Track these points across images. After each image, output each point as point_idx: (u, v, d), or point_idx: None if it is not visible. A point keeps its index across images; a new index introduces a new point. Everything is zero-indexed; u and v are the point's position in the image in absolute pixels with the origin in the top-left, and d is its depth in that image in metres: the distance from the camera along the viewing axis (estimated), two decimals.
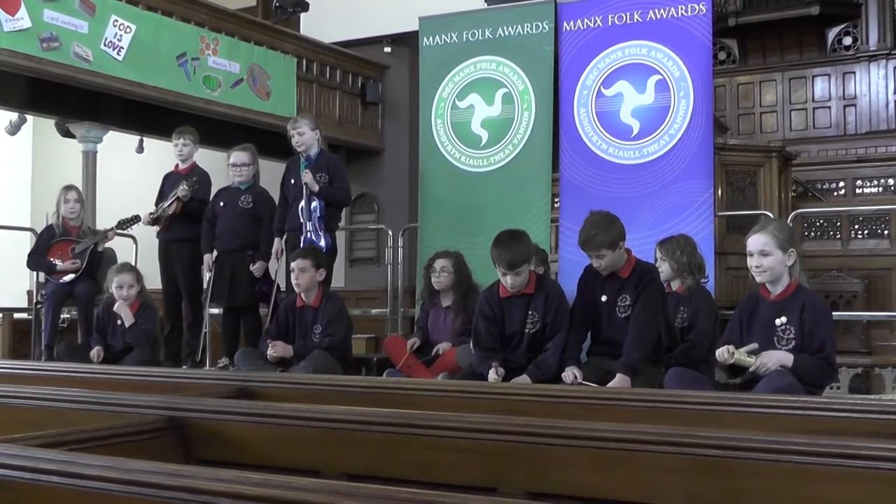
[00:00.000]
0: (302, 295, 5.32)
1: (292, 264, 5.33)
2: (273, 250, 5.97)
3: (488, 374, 4.43)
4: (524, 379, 4.38)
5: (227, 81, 8.59)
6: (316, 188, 5.66)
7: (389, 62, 10.67)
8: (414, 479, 2.05)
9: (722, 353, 3.77)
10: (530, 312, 4.59)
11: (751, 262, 3.85)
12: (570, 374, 4.35)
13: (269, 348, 5.16)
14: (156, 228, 6.46)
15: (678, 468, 1.88)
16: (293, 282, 5.31)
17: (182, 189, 6.17)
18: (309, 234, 5.68)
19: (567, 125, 6.16)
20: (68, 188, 6.75)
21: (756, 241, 3.83)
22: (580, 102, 6.11)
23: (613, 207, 5.73)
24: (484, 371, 4.51)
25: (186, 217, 6.28)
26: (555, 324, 4.56)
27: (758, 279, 3.87)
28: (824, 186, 9.09)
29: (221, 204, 6.20)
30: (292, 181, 5.88)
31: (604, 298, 4.47)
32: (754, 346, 3.75)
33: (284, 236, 5.93)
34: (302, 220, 5.71)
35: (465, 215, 6.27)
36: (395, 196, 10.40)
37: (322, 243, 5.67)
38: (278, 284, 6.13)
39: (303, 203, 5.68)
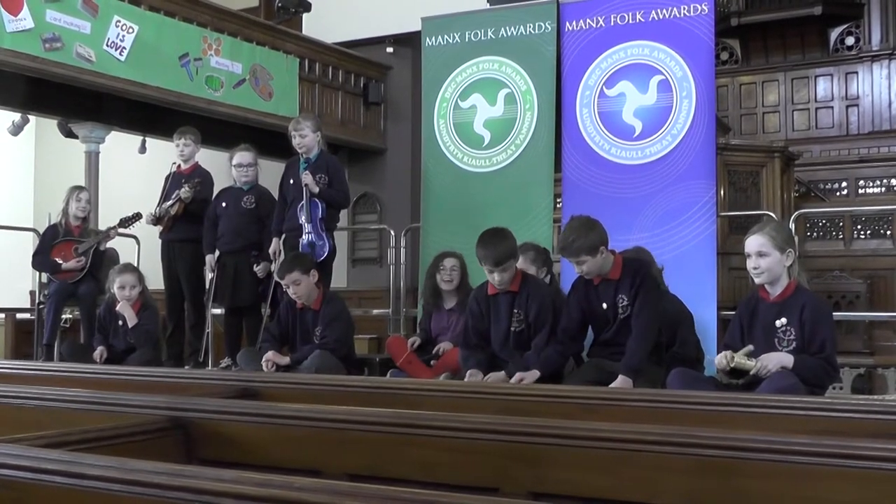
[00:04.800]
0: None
1: (283, 282, 5.29)
2: (271, 251, 5.97)
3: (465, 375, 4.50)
4: (500, 376, 4.40)
5: (230, 82, 8.60)
6: (316, 189, 5.65)
7: (392, 62, 10.68)
8: (416, 479, 2.05)
9: (720, 359, 3.77)
10: (515, 311, 4.64)
11: (749, 263, 3.84)
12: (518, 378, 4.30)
13: (263, 363, 5.13)
14: (158, 228, 6.47)
15: (680, 468, 1.88)
16: (293, 296, 5.26)
17: (184, 190, 6.18)
18: (309, 235, 5.67)
19: (569, 125, 6.15)
20: (80, 188, 6.80)
21: (753, 243, 3.82)
22: (582, 102, 6.10)
23: (615, 208, 5.76)
24: (463, 370, 4.56)
25: (189, 217, 6.29)
26: (537, 323, 4.58)
27: (756, 280, 3.86)
28: (827, 186, 9.08)
29: (223, 204, 6.20)
30: (291, 182, 5.87)
31: (604, 306, 4.43)
32: (750, 348, 3.74)
33: (283, 237, 5.93)
34: (301, 221, 5.69)
35: (468, 215, 6.26)
36: (398, 196, 10.41)
37: (326, 248, 5.66)
38: (278, 282, 6.12)
39: (303, 204, 5.67)
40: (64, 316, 6.96)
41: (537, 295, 4.64)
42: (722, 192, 6.97)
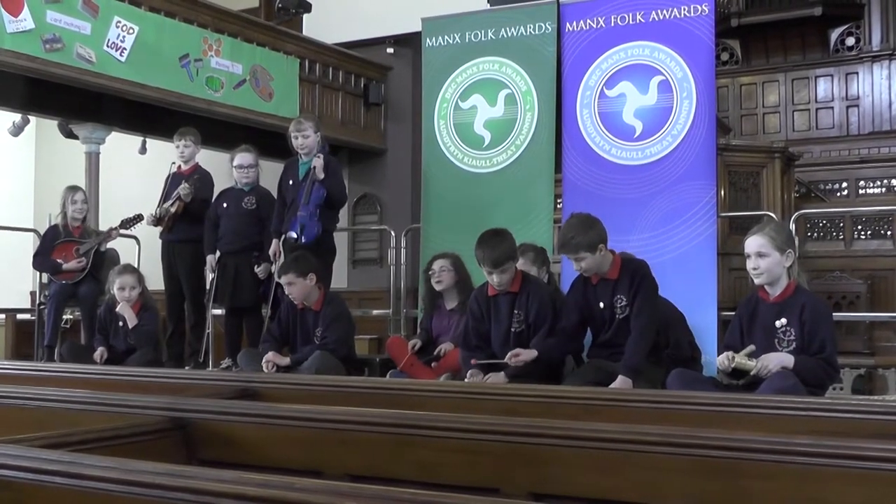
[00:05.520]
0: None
1: (280, 281, 5.32)
2: (270, 251, 5.97)
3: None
4: (500, 377, 4.42)
5: (230, 82, 8.60)
6: (322, 176, 5.65)
7: (392, 63, 10.67)
8: (416, 479, 2.05)
9: (722, 360, 3.77)
10: (516, 311, 4.64)
11: (749, 264, 3.84)
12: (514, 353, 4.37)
13: (263, 364, 5.13)
14: (159, 229, 6.47)
15: (681, 469, 1.88)
16: (289, 297, 5.29)
17: (184, 188, 6.19)
18: (302, 217, 5.65)
19: (570, 126, 6.15)
20: (74, 189, 6.76)
21: (753, 243, 3.82)
22: (583, 103, 6.10)
23: (616, 208, 5.76)
24: (463, 371, 4.56)
25: (189, 217, 6.29)
26: (537, 324, 4.59)
27: (756, 281, 3.86)
28: (827, 187, 9.08)
29: (224, 205, 6.20)
30: (290, 182, 5.88)
31: (601, 305, 4.44)
32: (752, 348, 3.74)
33: (282, 238, 5.93)
34: (300, 201, 5.67)
35: (468, 216, 6.26)
36: (398, 197, 10.41)
37: (315, 231, 5.62)
38: (279, 283, 6.12)
39: (306, 185, 5.65)
40: (64, 317, 6.96)
41: (537, 295, 4.64)
42: (722, 193, 6.97)
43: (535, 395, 2.88)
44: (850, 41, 10.96)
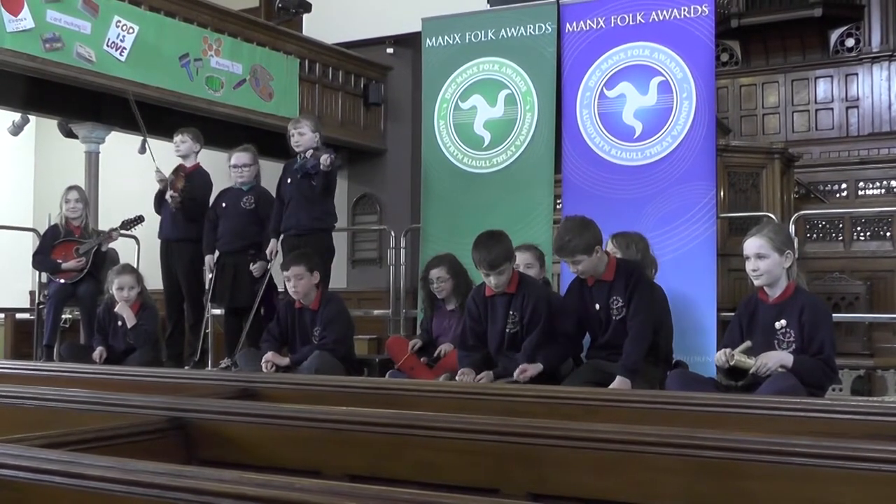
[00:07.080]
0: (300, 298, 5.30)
1: (286, 273, 5.27)
2: (268, 251, 5.96)
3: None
4: (489, 375, 4.45)
5: (230, 82, 8.60)
6: (328, 168, 5.63)
7: (392, 63, 10.68)
8: (416, 480, 2.05)
9: (720, 356, 3.77)
10: (511, 312, 4.65)
11: (748, 265, 3.85)
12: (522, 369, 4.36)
13: (262, 364, 5.13)
14: (157, 230, 6.47)
15: (680, 470, 1.88)
16: (290, 290, 5.26)
17: (175, 197, 6.20)
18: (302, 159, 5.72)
19: (569, 126, 6.15)
20: (70, 188, 6.77)
21: (752, 245, 3.83)
22: (583, 104, 6.10)
23: (616, 209, 5.76)
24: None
25: (188, 217, 6.29)
26: (530, 325, 4.60)
27: (755, 283, 3.87)
28: (827, 188, 9.08)
29: (223, 205, 6.20)
30: (289, 181, 5.88)
31: (597, 307, 4.44)
32: (747, 344, 3.74)
33: (280, 237, 5.93)
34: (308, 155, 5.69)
35: (468, 216, 6.27)
36: (398, 197, 10.41)
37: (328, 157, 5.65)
38: (275, 285, 6.12)
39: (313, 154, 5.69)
40: (64, 316, 6.96)
41: (533, 296, 4.64)
42: (722, 194, 6.98)
43: (534, 396, 2.89)
44: (850, 42, 10.97)
